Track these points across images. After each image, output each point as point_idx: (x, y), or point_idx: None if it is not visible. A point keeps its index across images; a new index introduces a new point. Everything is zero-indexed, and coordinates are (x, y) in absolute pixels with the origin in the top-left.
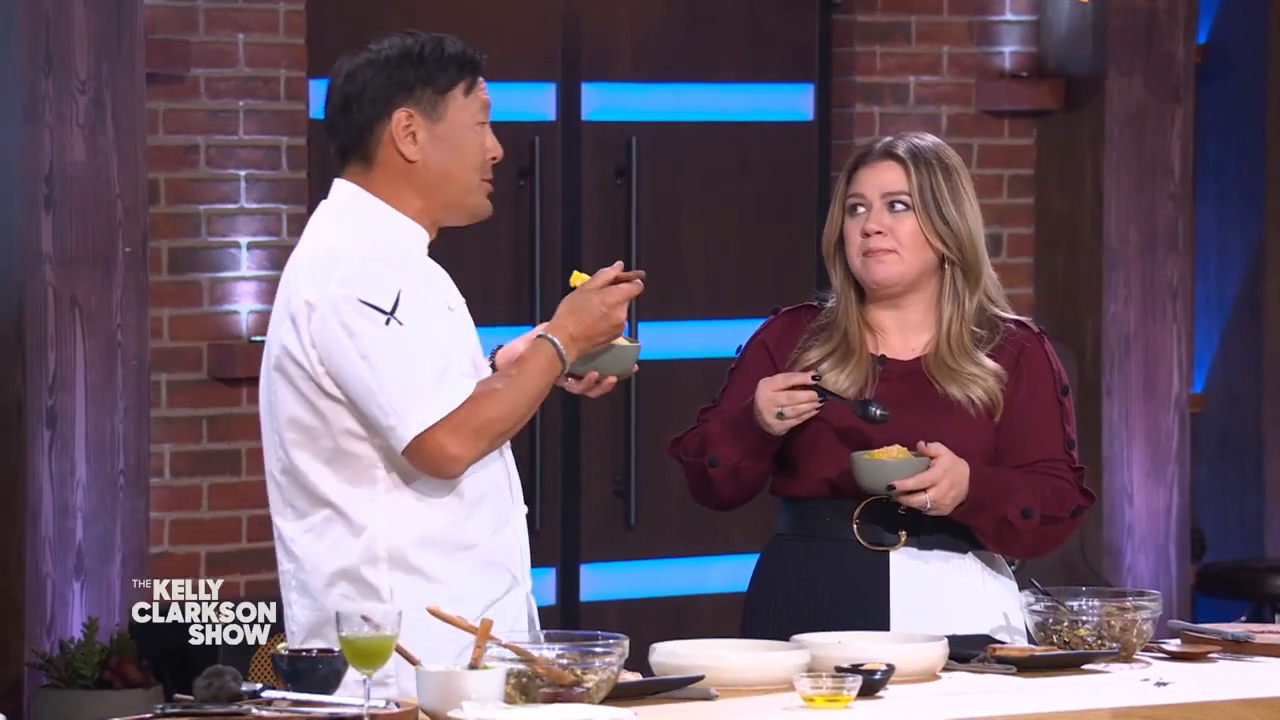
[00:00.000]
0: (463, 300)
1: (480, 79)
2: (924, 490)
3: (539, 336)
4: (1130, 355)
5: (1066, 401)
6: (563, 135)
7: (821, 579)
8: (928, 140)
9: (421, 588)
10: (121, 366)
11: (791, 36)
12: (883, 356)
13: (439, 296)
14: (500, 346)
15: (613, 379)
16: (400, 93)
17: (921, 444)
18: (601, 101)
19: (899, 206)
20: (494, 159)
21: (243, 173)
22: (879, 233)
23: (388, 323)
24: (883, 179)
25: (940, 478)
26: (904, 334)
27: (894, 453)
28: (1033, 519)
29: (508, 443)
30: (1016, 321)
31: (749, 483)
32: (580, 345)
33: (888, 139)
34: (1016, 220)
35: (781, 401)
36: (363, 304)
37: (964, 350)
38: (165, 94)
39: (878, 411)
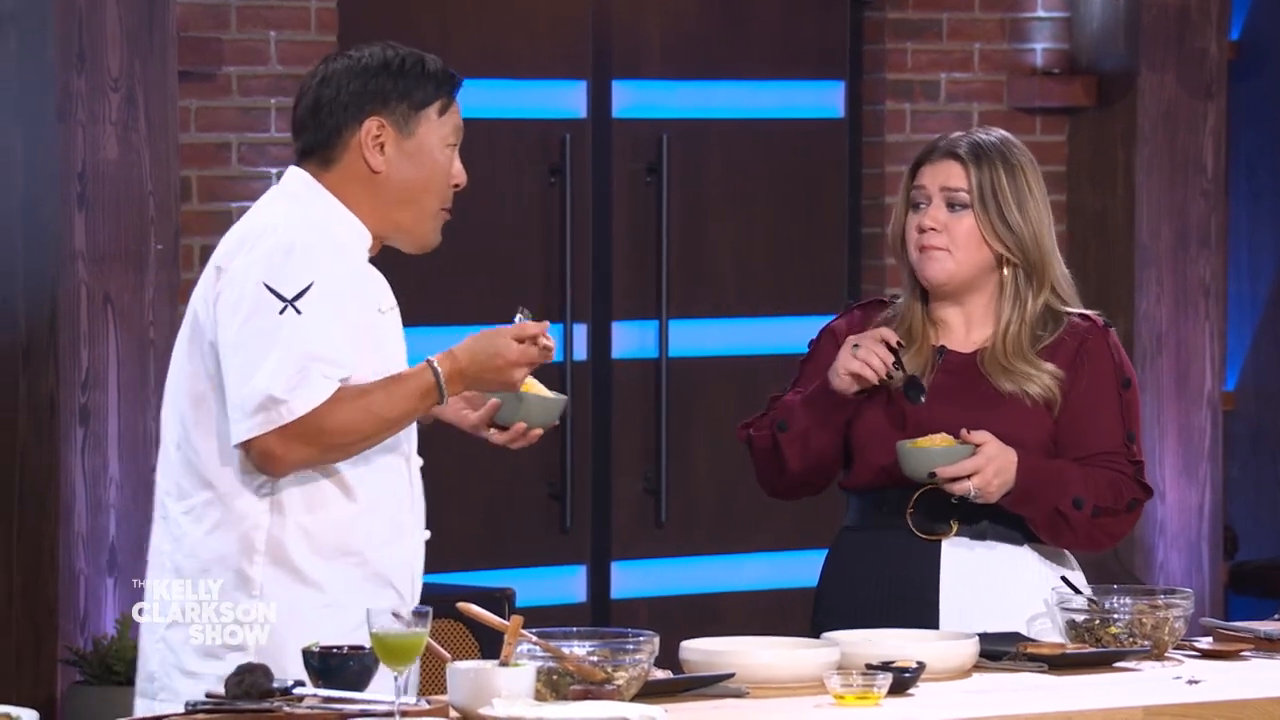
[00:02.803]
0: (395, 304)
1: (456, 102)
2: (967, 478)
3: (426, 360)
4: (1162, 353)
5: (1128, 395)
6: (593, 132)
7: (880, 570)
8: (994, 136)
9: (296, 590)
10: (154, 364)
11: (822, 33)
12: (942, 347)
13: (369, 298)
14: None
15: (539, 431)
16: (374, 101)
17: (964, 431)
18: (632, 99)
19: (958, 205)
20: (457, 185)
21: (274, 170)
22: (933, 229)
23: (282, 311)
24: (945, 175)
25: (984, 465)
26: (966, 328)
27: (938, 441)
28: (1084, 510)
29: (414, 460)
30: (1081, 315)
31: (818, 454)
32: (466, 384)
33: (955, 135)
34: None
35: (863, 339)
36: (264, 287)
37: (1020, 352)
38: (197, 92)
39: (920, 396)
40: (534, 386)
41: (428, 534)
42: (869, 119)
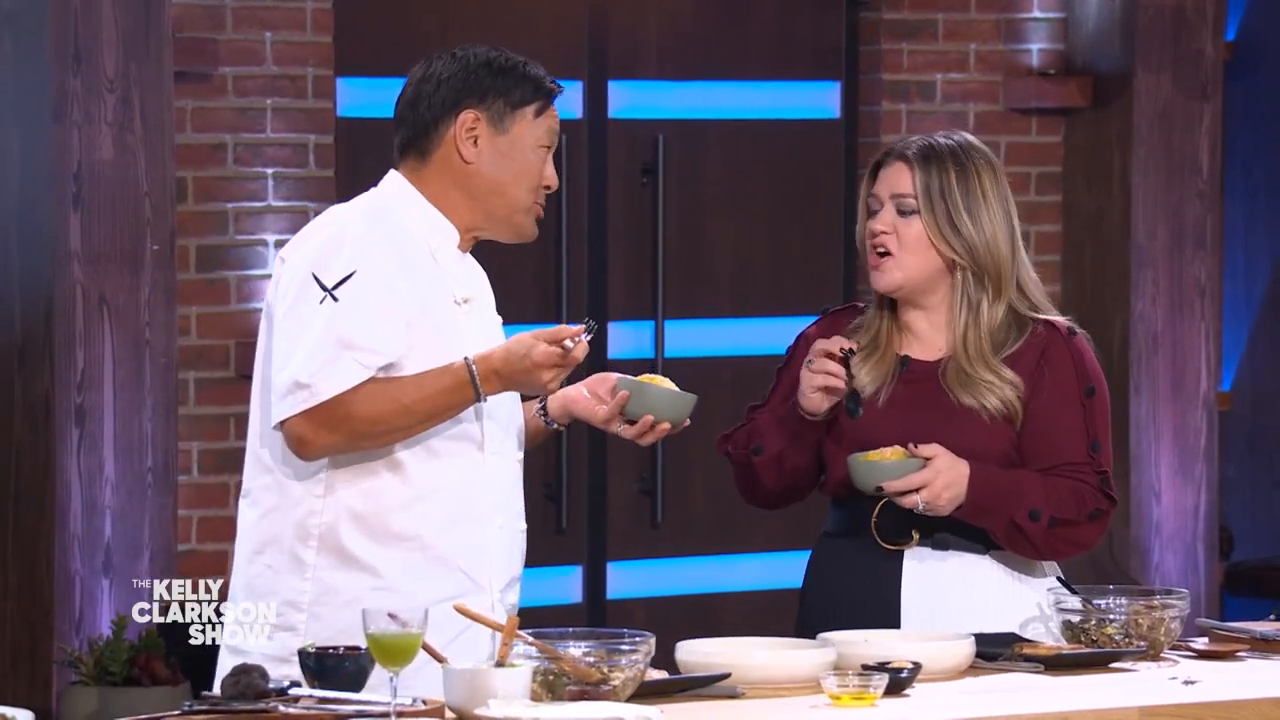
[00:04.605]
0: (478, 297)
1: (553, 107)
2: (916, 491)
3: (464, 357)
4: (1158, 353)
5: (1092, 403)
6: (589, 133)
7: (848, 577)
8: (953, 139)
9: (348, 573)
10: (149, 364)
11: (818, 34)
12: (906, 357)
13: (440, 289)
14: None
15: (667, 425)
16: (471, 96)
17: (912, 445)
18: (628, 99)
19: (907, 210)
20: (548, 187)
21: (270, 171)
22: (884, 232)
23: (322, 301)
24: (893, 181)
25: (931, 479)
26: (931, 334)
27: (889, 454)
28: (1040, 522)
29: (499, 451)
30: (1046, 322)
31: (792, 473)
32: (502, 384)
33: (911, 138)
34: (1044, 218)
35: (815, 351)
36: (311, 276)
37: (981, 359)
38: (193, 92)
39: (856, 408)
40: (664, 383)
41: (521, 524)
42: (865, 119)
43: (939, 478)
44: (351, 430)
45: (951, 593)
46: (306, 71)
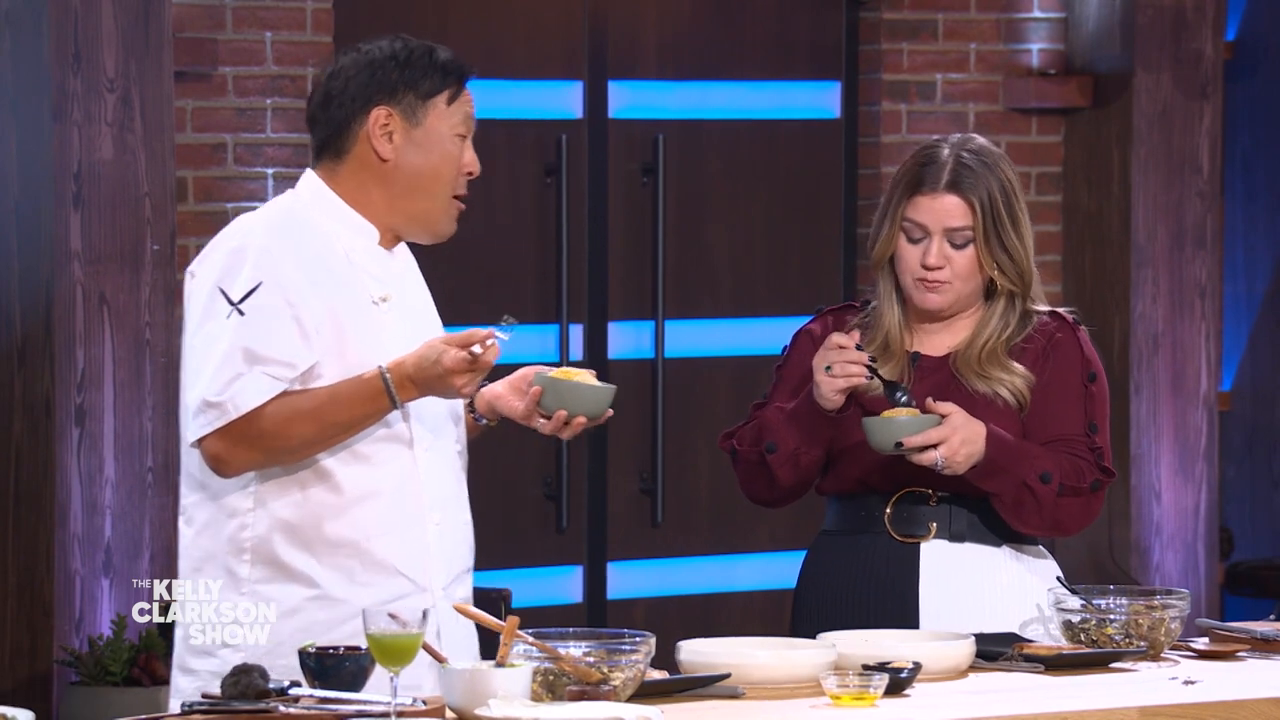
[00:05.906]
0: (415, 293)
1: (466, 91)
2: (934, 447)
3: (378, 366)
4: (1158, 353)
5: (1094, 388)
6: (589, 133)
7: (857, 572)
8: (981, 155)
9: (283, 585)
10: (149, 364)
11: (818, 34)
12: (916, 353)
13: (354, 291)
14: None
15: (583, 419)
16: (381, 92)
17: (930, 400)
18: (628, 99)
19: (961, 242)
20: (469, 174)
21: (270, 171)
22: (940, 268)
23: (229, 315)
24: (946, 214)
25: (949, 435)
26: (941, 332)
27: (904, 412)
28: (1051, 485)
29: (432, 447)
30: (1051, 313)
31: (807, 469)
32: (418, 390)
33: (943, 156)
34: (1044, 218)
35: (831, 358)
36: (218, 290)
37: (994, 358)
38: (193, 92)
39: (903, 398)
40: (583, 376)
41: (467, 517)
42: (865, 119)
43: (956, 434)
44: (267, 446)
45: (969, 585)
46: (306, 71)
